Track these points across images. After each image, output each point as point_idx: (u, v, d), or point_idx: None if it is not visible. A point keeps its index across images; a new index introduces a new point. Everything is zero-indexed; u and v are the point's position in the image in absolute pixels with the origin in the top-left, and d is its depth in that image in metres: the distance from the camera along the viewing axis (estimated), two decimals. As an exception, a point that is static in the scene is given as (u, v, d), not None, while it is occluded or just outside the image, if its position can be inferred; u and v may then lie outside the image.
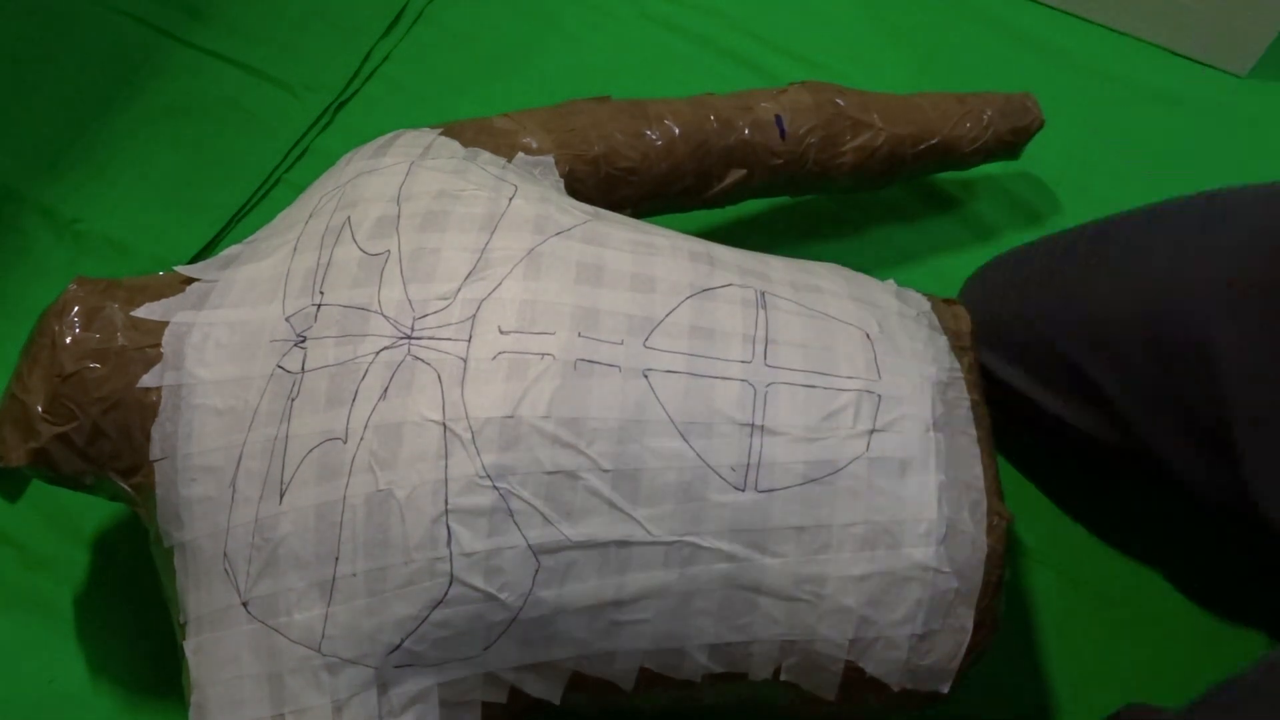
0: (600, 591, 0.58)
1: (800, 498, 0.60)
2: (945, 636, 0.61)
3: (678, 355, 0.61)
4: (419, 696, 0.58)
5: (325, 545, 0.57)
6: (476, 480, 0.56)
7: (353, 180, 0.67)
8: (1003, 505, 0.64)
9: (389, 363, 0.59)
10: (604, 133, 0.78)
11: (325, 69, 1.03)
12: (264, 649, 0.58)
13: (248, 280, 0.64)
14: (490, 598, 0.57)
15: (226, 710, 0.58)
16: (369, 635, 0.57)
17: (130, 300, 0.64)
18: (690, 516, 0.59)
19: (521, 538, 0.57)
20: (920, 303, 0.71)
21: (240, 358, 0.61)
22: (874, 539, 0.60)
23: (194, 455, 0.60)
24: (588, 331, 0.60)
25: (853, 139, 0.86)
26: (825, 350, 0.64)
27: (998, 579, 0.62)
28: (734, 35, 1.06)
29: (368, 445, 0.57)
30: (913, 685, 0.61)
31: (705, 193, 0.83)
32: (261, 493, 0.58)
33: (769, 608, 0.60)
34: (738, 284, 0.65)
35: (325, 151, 0.98)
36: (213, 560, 0.59)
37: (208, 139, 0.99)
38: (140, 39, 1.04)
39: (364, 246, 0.62)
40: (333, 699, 0.57)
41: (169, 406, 0.60)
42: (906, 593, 0.60)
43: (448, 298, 0.60)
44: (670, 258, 0.65)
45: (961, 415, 0.65)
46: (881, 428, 0.62)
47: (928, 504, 0.61)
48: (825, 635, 0.60)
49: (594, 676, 0.60)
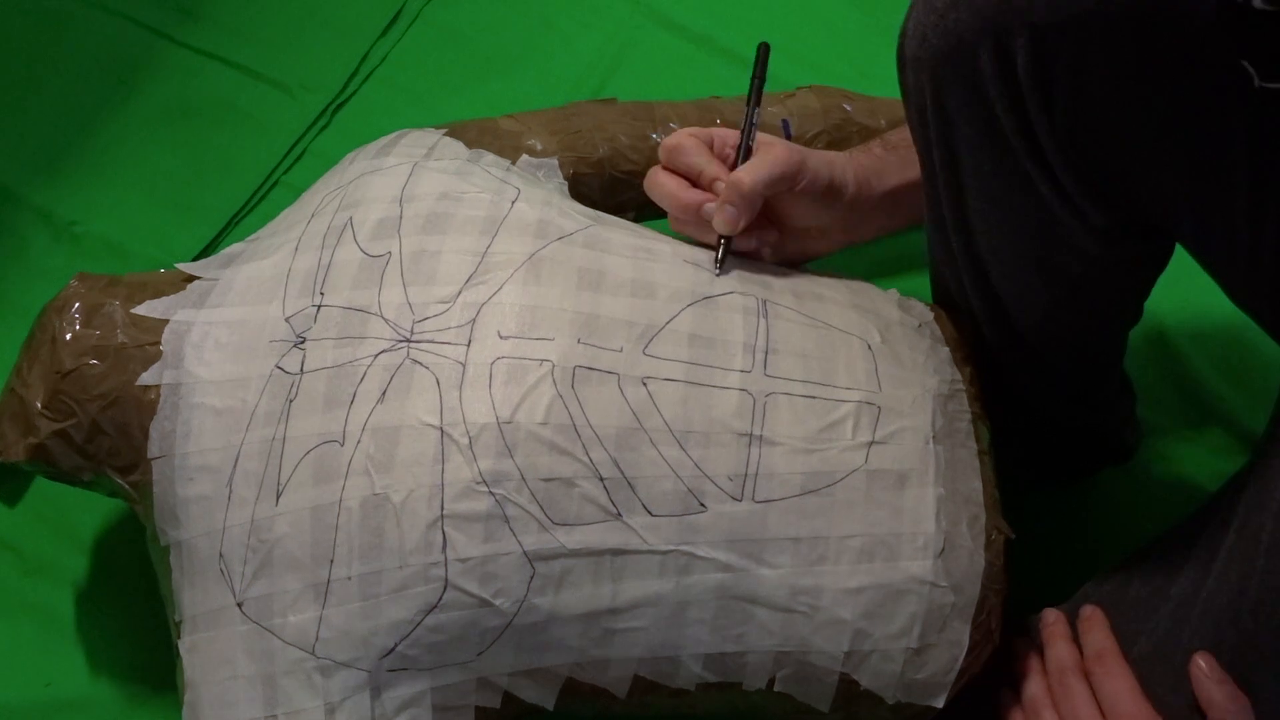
0: (595, 599, 0.60)
1: (798, 509, 0.61)
2: (941, 651, 0.63)
3: (677, 363, 0.62)
4: (412, 700, 0.60)
5: (320, 548, 0.59)
6: (473, 486, 0.58)
7: (355, 180, 0.69)
8: (1002, 520, 0.66)
9: (388, 366, 0.61)
10: (608, 135, 0.80)
11: (323, 70, 1.05)
12: (258, 650, 0.60)
13: (248, 279, 0.66)
14: (485, 603, 0.59)
15: (219, 710, 0.60)
16: (363, 638, 0.59)
17: (131, 297, 0.66)
18: (687, 526, 0.60)
19: (517, 544, 0.59)
20: (923, 313, 0.72)
21: (240, 357, 0.63)
22: (871, 551, 0.62)
23: (192, 454, 0.62)
24: (587, 338, 0.62)
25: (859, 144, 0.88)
26: (826, 360, 0.65)
27: (996, 595, 0.64)
28: (734, 35, 1.07)
29: (365, 448, 0.59)
30: (907, 699, 0.63)
31: (709, 197, 0.85)
32: (258, 494, 0.60)
33: (764, 618, 0.62)
34: (739, 292, 0.67)
35: (323, 153, 1.00)
36: (208, 560, 0.61)
37: (205, 140, 1.01)
38: (137, 40, 1.06)
39: (365, 248, 0.64)
40: (325, 701, 0.59)
41: (168, 405, 0.62)
42: (902, 606, 0.62)
43: (448, 301, 0.62)
44: (672, 264, 0.67)
45: (962, 428, 0.67)
46: (881, 440, 0.64)
47: (926, 517, 0.63)
48: (820, 647, 0.62)
49: (588, 683, 0.62)
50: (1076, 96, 0.57)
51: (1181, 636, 0.60)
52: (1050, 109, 0.58)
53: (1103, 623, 0.64)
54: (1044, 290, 0.68)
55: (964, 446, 0.67)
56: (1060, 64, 0.57)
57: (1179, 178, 0.59)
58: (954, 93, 0.60)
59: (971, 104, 0.60)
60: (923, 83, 0.62)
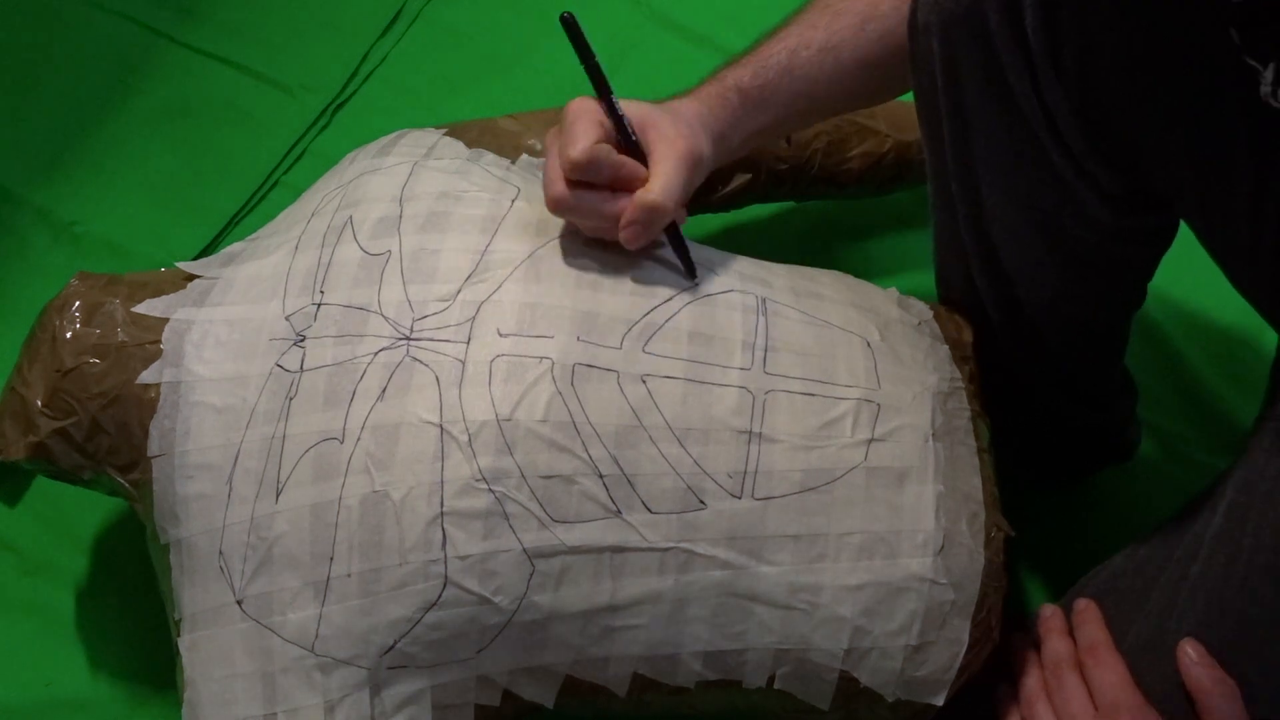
0: (595, 596, 0.60)
1: (797, 506, 0.62)
2: (940, 648, 0.63)
3: (677, 361, 0.63)
4: (411, 698, 0.60)
5: (320, 545, 0.59)
6: (472, 483, 0.59)
7: (355, 180, 0.69)
8: (1001, 518, 0.66)
9: (387, 363, 0.61)
10: (608, 135, 0.81)
11: (323, 69, 1.06)
12: (257, 648, 0.60)
13: (249, 278, 0.66)
14: (484, 601, 0.59)
15: (219, 708, 0.60)
16: (362, 636, 0.59)
17: (131, 296, 0.66)
18: (686, 523, 0.61)
19: (517, 541, 0.59)
20: (922, 311, 0.73)
21: (240, 356, 0.63)
22: (870, 548, 0.62)
23: (191, 452, 0.62)
24: (587, 336, 0.62)
25: (859, 145, 0.89)
26: (825, 358, 0.66)
27: (996, 593, 0.64)
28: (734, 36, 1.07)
29: (364, 446, 0.60)
30: (907, 697, 0.63)
31: (710, 196, 0.85)
32: (258, 491, 0.61)
33: (764, 616, 0.62)
34: (738, 290, 0.67)
35: (323, 153, 1.00)
36: (208, 558, 0.61)
37: (205, 140, 1.02)
38: (137, 40, 1.07)
39: (365, 246, 0.65)
40: (325, 699, 0.60)
41: (168, 403, 0.63)
42: (902, 603, 0.62)
43: (447, 299, 0.63)
44: (671, 263, 0.67)
45: (961, 426, 0.67)
46: (880, 437, 0.64)
47: (925, 514, 0.63)
48: (820, 644, 0.62)
49: (587, 681, 0.63)
50: (1085, 61, 0.57)
51: (1170, 622, 0.61)
52: (1060, 72, 0.58)
53: (1096, 616, 0.65)
54: (1054, 268, 0.68)
55: (963, 444, 0.67)
56: (1068, 26, 0.57)
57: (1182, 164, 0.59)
58: (965, 55, 0.60)
59: (983, 65, 0.59)
60: (933, 48, 0.61)
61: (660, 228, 0.65)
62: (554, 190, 0.62)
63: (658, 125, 0.65)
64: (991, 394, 0.72)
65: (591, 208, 0.63)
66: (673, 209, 0.63)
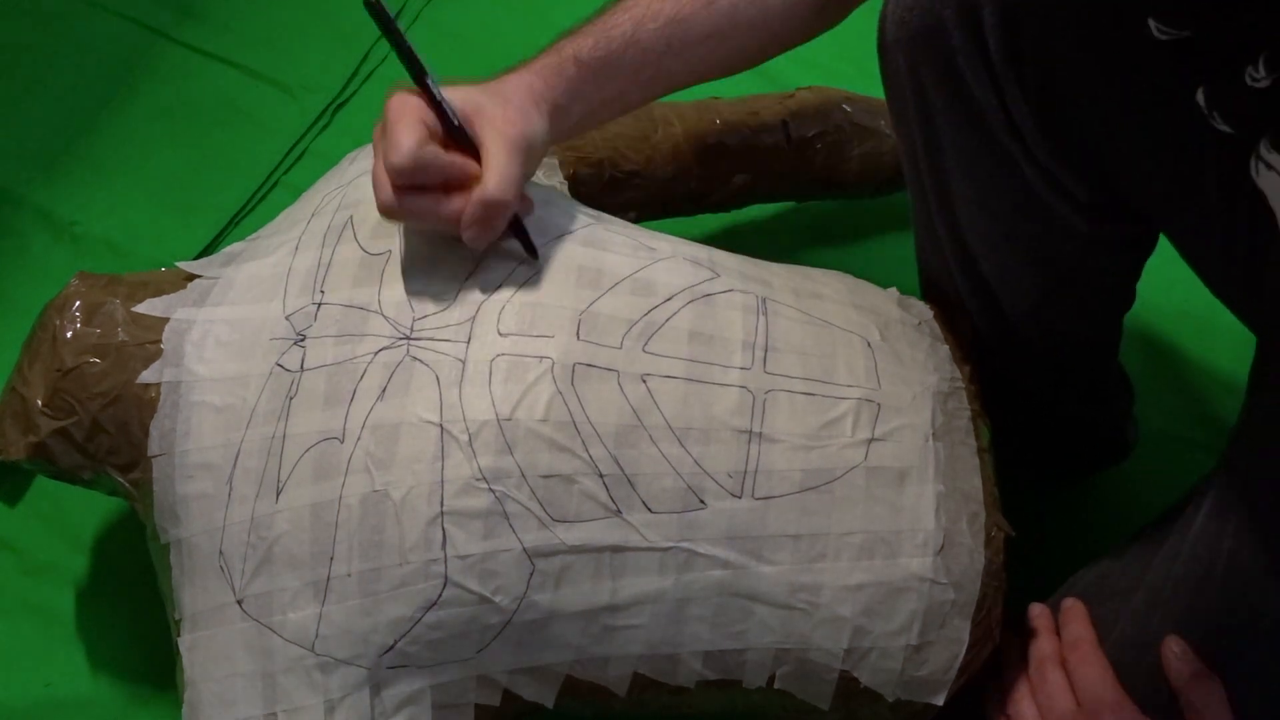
0: (595, 596, 0.61)
1: (797, 506, 0.62)
2: (941, 648, 0.63)
3: (677, 360, 0.63)
4: (412, 698, 0.61)
5: (320, 545, 0.60)
6: (473, 482, 0.59)
7: (356, 180, 0.69)
8: (1002, 518, 0.66)
9: (387, 363, 0.61)
10: (608, 135, 0.81)
11: (323, 70, 1.06)
12: (258, 647, 0.60)
13: (249, 278, 0.66)
14: (484, 600, 0.59)
15: (219, 708, 0.61)
16: (362, 636, 0.59)
17: (132, 296, 0.66)
18: (686, 522, 0.61)
19: (517, 541, 0.59)
20: (923, 311, 0.73)
21: (240, 355, 0.63)
22: (871, 548, 0.62)
23: (192, 452, 0.62)
24: (587, 335, 0.62)
25: (859, 145, 0.89)
26: (825, 357, 0.66)
27: (996, 593, 0.64)
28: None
29: (364, 445, 0.60)
30: (907, 696, 0.64)
31: (710, 197, 0.86)
32: (258, 491, 0.61)
33: (764, 615, 0.62)
34: (739, 289, 0.67)
35: (323, 153, 1.01)
36: (208, 557, 0.62)
37: (205, 140, 1.02)
38: (137, 40, 1.07)
39: (366, 246, 0.65)
40: (325, 699, 0.60)
41: (168, 403, 0.63)
42: (902, 603, 0.62)
43: (447, 299, 0.63)
44: (671, 262, 0.67)
45: (962, 426, 0.68)
46: (880, 437, 0.64)
47: (925, 514, 0.63)
48: (820, 644, 0.62)
49: (587, 681, 0.63)
50: (1047, 77, 0.58)
51: (1154, 620, 0.62)
52: (1023, 87, 0.59)
53: (1081, 614, 0.66)
54: (1034, 276, 0.68)
55: (963, 444, 0.67)
56: (1030, 43, 0.57)
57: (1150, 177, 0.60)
58: (930, 70, 0.61)
59: (949, 81, 0.60)
60: (900, 65, 0.62)
61: (505, 223, 0.62)
62: (382, 197, 0.60)
63: (484, 112, 0.62)
64: (989, 393, 0.72)
65: (426, 211, 0.60)
66: (513, 201, 0.61)
